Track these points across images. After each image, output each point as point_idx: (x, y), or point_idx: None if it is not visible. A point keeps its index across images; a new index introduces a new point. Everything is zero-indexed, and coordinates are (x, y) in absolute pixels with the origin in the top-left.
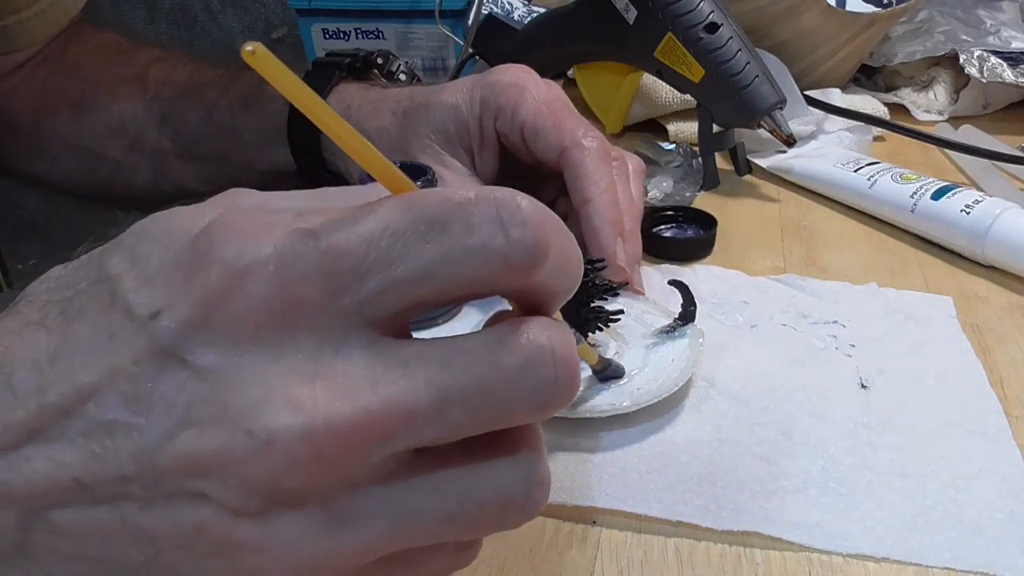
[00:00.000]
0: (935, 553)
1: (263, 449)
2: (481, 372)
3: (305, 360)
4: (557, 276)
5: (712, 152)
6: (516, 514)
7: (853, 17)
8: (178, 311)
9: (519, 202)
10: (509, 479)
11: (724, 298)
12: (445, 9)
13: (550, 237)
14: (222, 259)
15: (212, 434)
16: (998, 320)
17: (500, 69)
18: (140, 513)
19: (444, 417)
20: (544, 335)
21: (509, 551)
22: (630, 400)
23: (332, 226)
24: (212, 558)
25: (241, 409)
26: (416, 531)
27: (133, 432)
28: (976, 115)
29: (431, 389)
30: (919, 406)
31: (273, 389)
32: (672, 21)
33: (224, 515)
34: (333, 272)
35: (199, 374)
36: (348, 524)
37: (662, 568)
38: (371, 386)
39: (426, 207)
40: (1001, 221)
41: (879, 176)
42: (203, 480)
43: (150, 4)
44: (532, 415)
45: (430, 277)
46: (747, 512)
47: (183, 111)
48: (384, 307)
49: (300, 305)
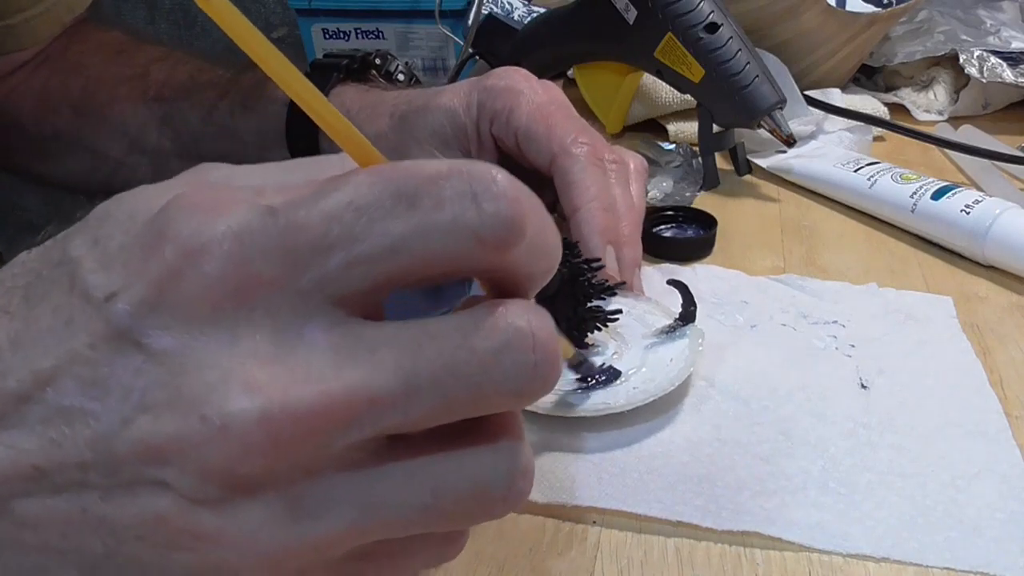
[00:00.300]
0: (935, 553)
1: (218, 434)
2: (454, 356)
3: (264, 342)
4: (534, 257)
5: (712, 152)
6: (497, 505)
7: (853, 17)
8: (133, 292)
9: (494, 175)
10: (488, 468)
11: (724, 298)
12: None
13: (526, 214)
14: (177, 237)
15: (167, 419)
16: (998, 320)
17: (497, 72)
18: (100, 503)
19: (413, 403)
20: (523, 318)
21: (509, 551)
22: (625, 399)
23: (293, 201)
24: (174, 550)
25: (196, 393)
26: (387, 523)
27: (90, 418)
28: (976, 115)
29: (399, 374)
30: (919, 406)
31: (229, 372)
32: (672, 21)
33: (183, 504)
34: (292, 248)
35: (155, 357)
36: (311, 514)
37: (662, 568)
38: (334, 369)
39: (394, 180)
40: (1001, 221)
41: (879, 176)
42: (161, 467)
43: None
44: (510, 402)
45: (397, 253)
46: (747, 512)
47: (183, 111)
48: (349, 285)
49: (258, 284)
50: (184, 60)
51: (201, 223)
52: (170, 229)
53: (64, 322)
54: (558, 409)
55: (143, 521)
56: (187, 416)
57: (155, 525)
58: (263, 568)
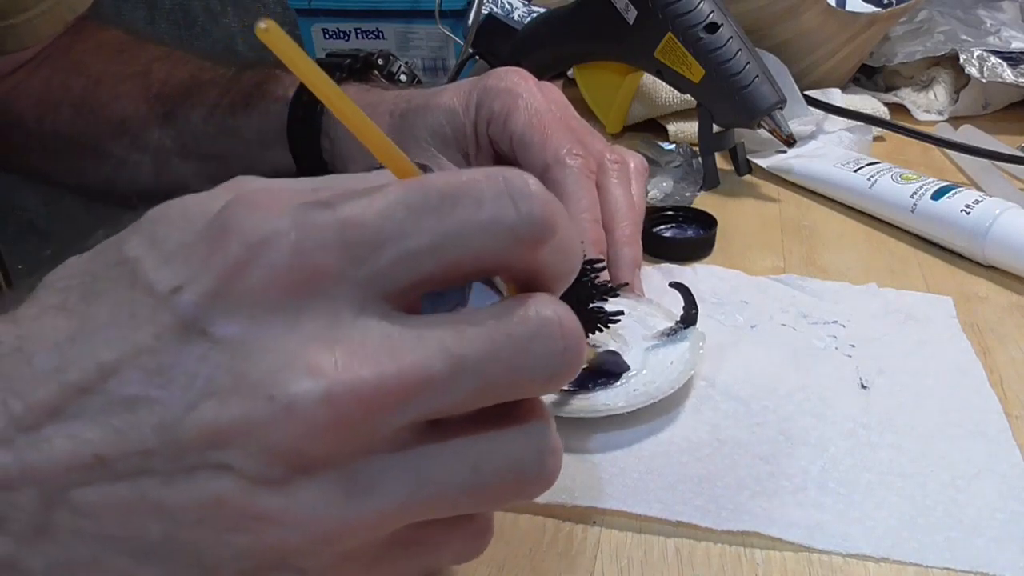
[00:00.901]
0: (935, 553)
1: (284, 414)
2: (493, 341)
3: (324, 328)
4: (560, 258)
5: (712, 152)
6: (532, 483)
7: (853, 17)
8: (200, 284)
9: (527, 179)
10: (521, 447)
11: (724, 298)
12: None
13: (557, 214)
14: (241, 231)
15: (233, 403)
16: (998, 320)
17: (498, 73)
18: (161, 488)
19: (458, 385)
20: (550, 308)
21: (509, 551)
22: (625, 401)
23: (349, 200)
24: (232, 532)
25: (262, 376)
26: (434, 500)
27: (155, 406)
28: (976, 115)
29: (446, 357)
30: (919, 406)
31: (293, 356)
32: (672, 21)
33: (244, 486)
34: (351, 243)
35: (220, 345)
36: (367, 491)
37: (662, 568)
38: (389, 353)
39: (438, 183)
40: (1001, 221)
41: (879, 176)
42: (224, 451)
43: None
44: (541, 386)
45: (442, 249)
46: (747, 512)
47: (184, 110)
48: (398, 279)
49: (318, 275)
50: (185, 59)
51: (264, 217)
52: (234, 224)
53: (127, 316)
54: (558, 410)
55: (203, 504)
56: (253, 399)
57: (215, 508)
58: (318, 548)
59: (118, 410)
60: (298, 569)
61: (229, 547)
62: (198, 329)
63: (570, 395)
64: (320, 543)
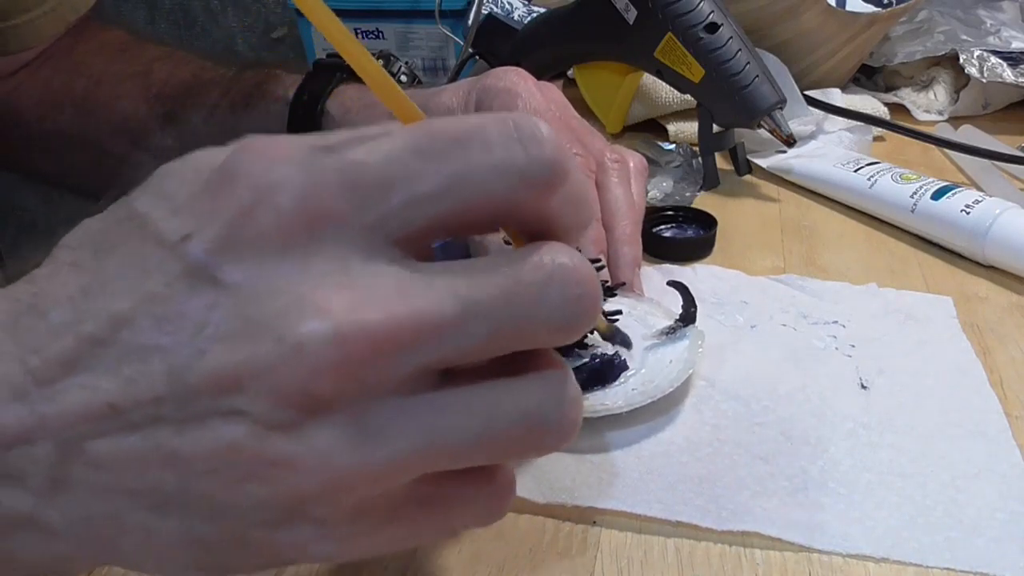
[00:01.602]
0: (935, 553)
1: (293, 354)
2: (505, 287)
3: (332, 271)
4: (571, 208)
5: (712, 152)
6: (549, 433)
7: (853, 17)
8: (208, 231)
9: (536, 122)
10: (538, 396)
11: (724, 298)
12: (445, 9)
13: (568, 158)
14: (248, 176)
15: (242, 346)
16: (998, 320)
17: (497, 72)
18: (174, 437)
19: (470, 329)
20: (566, 255)
21: (509, 551)
22: (624, 400)
23: (356, 144)
24: (247, 481)
25: (270, 318)
26: (448, 448)
27: (166, 353)
28: (976, 115)
29: (457, 301)
30: (919, 406)
31: (302, 298)
32: (672, 21)
33: (257, 431)
34: (358, 186)
35: (229, 290)
36: (379, 437)
37: (662, 568)
38: (399, 295)
39: (447, 127)
40: (1001, 221)
41: (879, 176)
42: (235, 395)
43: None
44: (556, 334)
45: (452, 192)
46: (747, 512)
47: (186, 109)
48: (408, 224)
49: (327, 217)
50: (186, 59)
51: (271, 162)
52: (240, 170)
53: (138, 267)
54: None
55: (216, 452)
56: (262, 340)
57: (228, 455)
58: (332, 496)
59: (131, 359)
60: (315, 519)
61: (245, 497)
62: (207, 276)
63: None
64: (334, 490)
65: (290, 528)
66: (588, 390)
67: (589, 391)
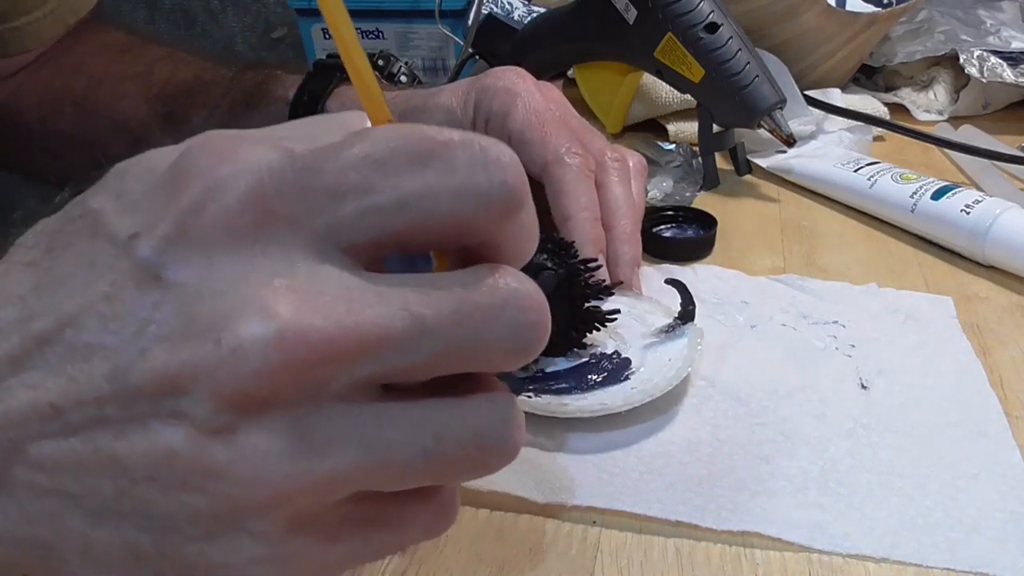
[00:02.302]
0: (935, 553)
1: (231, 356)
2: (459, 307)
3: (279, 274)
4: (523, 235)
5: (712, 152)
6: (495, 454)
7: (853, 17)
8: (157, 229)
9: (503, 149)
10: (486, 417)
11: (724, 298)
12: (445, 9)
13: (525, 188)
14: (199, 174)
15: (184, 346)
16: (998, 320)
17: (496, 72)
18: (114, 441)
19: (418, 346)
20: (520, 281)
21: (509, 551)
22: (623, 400)
23: (312, 149)
24: (182, 490)
25: (212, 320)
26: (389, 465)
27: (109, 352)
28: (976, 115)
29: (407, 316)
30: (919, 406)
31: (245, 298)
32: (672, 21)
33: (194, 436)
34: (309, 190)
35: (174, 289)
36: (317, 448)
37: (662, 568)
38: (345, 304)
39: (411, 140)
40: (1001, 221)
41: (879, 176)
42: (176, 397)
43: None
44: (505, 358)
45: (407, 209)
46: (747, 512)
47: (186, 110)
48: (360, 233)
49: (274, 218)
50: (187, 60)
51: (222, 160)
52: (192, 168)
53: (88, 265)
54: (556, 410)
55: (154, 458)
56: (203, 341)
57: (166, 461)
58: (267, 507)
59: (75, 358)
60: (252, 533)
61: (180, 506)
62: (152, 274)
63: (568, 394)
64: (270, 501)
65: (226, 543)
66: (588, 389)
67: (589, 390)
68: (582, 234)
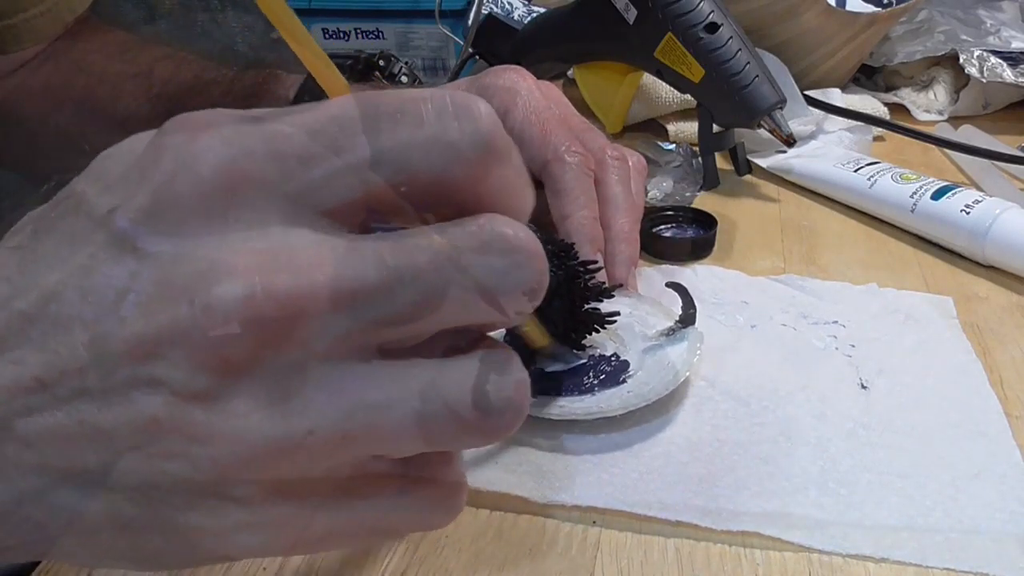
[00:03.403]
0: (935, 553)
1: (203, 316)
2: (435, 252)
3: (252, 237)
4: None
5: (712, 152)
6: (493, 417)
7: (853, 17)
8: (133, 202)
9: (476, 100)
10: (479, 375)
11: (724, 298)
12: (445, 9)
13: (504, 139)
14: (173, 148)
15: (159, 311)
16: (998, 320)
17: (496, 71)
18: (97, 413)
19: (395, 295)
20: (508, 226)
21: (509, 551)
22: (620, 403)
23: (281, 115)
24: (168, 459)
25: (185, 283)
26: (377, 427)
27: (88, 323)
28: (976, 115)
29: (381, 266)
30: (919, 406)
31: (217, 262)
32: (672, 21)
33: (175, 403)
34: (280, 154)
35: (150, 258)
36: (297, 408)
37: (662, 568)
38: (317, 260)
39: (378, 100)
40: (1001, 221)
41: (879, 176)
42: (154, 362)
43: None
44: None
45: (379, 166)
46: (747, 512)
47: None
48: (334, 195)
49: (246, 184)
50: (187, 59)
51: (194, 133)
52: (166, 144)
53: (69, 241)
54: (553, 412)
55: (137, 427)
56: (176, 305)
57: (149, 429)
58: (249, 470)
59: (56, 332)
60: (236, 498)
61: (165, 476)
62: (129, 246)
63: (565, 396)
64: (250, 463)
65: (212, 510)
66: (587, 391)
67: (588, 392)
68: (580, 233)
